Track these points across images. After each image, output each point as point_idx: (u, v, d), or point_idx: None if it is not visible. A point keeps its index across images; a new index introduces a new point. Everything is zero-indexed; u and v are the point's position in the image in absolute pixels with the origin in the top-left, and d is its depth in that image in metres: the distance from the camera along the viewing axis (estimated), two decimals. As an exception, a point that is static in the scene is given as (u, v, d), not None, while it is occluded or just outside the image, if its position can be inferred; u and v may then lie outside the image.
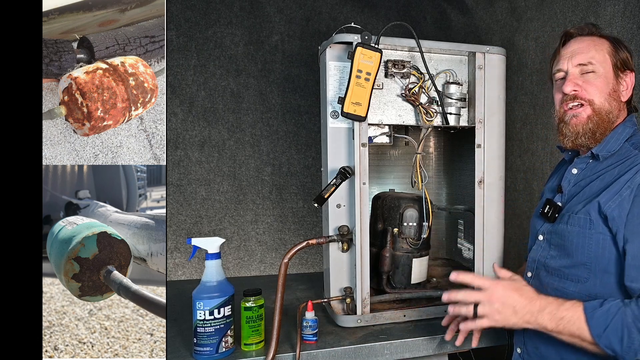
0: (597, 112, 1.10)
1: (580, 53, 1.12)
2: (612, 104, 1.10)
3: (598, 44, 1.12)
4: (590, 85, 1.10)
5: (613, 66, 1.10)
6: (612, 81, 1.11)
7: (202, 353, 1.20)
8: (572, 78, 1.11)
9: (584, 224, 1.05)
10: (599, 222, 1.02)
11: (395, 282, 1.58)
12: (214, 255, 1.25)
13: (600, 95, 1.10)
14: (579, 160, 1.15)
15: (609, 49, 1.11)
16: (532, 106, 1.99)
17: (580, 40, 1.14)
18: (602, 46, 1.12)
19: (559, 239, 1.11)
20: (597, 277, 1.04)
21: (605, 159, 1.10)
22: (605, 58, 1.11)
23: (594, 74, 1.10)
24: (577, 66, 1.12)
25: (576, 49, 1.13)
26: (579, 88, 1.11)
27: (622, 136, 1.10)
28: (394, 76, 1.43)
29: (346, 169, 1.37)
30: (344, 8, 2.50)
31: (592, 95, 1.10)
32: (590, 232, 1.04)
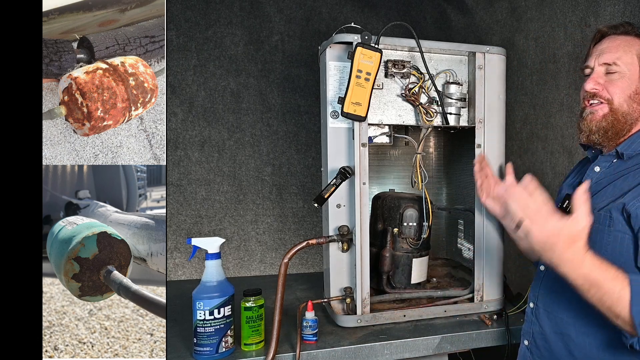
0: (613, 112, 1.10)
1: (608, 52, 1.12)
2: (633, 106, 1.10)
3: (629, 44, 1.12)
4: (612, 85, 1.11)
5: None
6: (637, 84, 1.10)
7: (202, 353, 1.20)
8: (595, 76, 1.12)
9: (603, 221, 1.05)
10: (619, 220, 1.03)
11: (395, 282, 1.58)
12: (214, 255, 1.25)
13: (620, 96, 1.10)
14: (603, 159, 1.15)
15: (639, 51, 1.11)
16: (532, 106, 1.99)
17: (612, 39, 1.14)
18: (633, 47, 1.11)
19: None
20: None
21: (630, 158, 1.10)
22: (632, 60, 1.10)
23: (618, 74, 1.10)
24: (603, 65, 1.12)
25: (605, 47, 1.13)
26: (599, 87, 1.11)
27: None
28: (394, 76, 1.43)
29: (346, 169, 1.37)
30: (344, 8, 2.50)
31: (612, 94, 1.10)
32: (609, 230, 1.04)
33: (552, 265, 0.96)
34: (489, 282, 1.53)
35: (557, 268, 0.96)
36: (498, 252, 1.54)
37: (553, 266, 0.97)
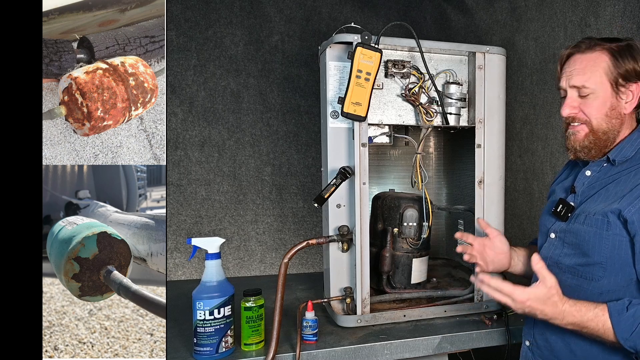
0: (593, 132, 1.13)
1: (576, 75, 1.13)
2: (611, 122, 1.12)
3: (595, 62, 1.11)
4: (587, 106, 1.12)
5: (611, 83, 1.10)
6: (610, 99, 1.11)
7: (202, 353, 1.20)
8: (570, 101, 1.14)
9: (601, 225, 1.07)
10: (616, 224, 1.05)
11: (395, 282, 1.58)
12: (214, 255, 1.25)
13: (597, 116, 1.12)
14: (593, 164, 1.17)
15: (606, 67, 1.10)
16: (532, 106, 1.99)
17: (578, 59, 1.14)
18: (600, 65, 1.11)
19: (573, 237, 1.13)
20: (611, 276, 1.07)
21: (620, 163, 1.12)
22: (601, 79, 1.10)
23: (591, 95, 1.11)
24: (574, 88, 1.13)
25: (573, 70, 1.14)
26: (576, 110, 1.13)
27: (638, 142, 1.12)
28: (394, 76, 1.43)
29: (346, 169, 1.37)
30: (344, 8, 2.50)
31: (589, 116, 1.12)
32: (607, 233, 1.06)
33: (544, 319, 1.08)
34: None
35: (553, 322, 1.07)
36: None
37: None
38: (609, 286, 1.07)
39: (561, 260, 1.16)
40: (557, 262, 1.17)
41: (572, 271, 1.13)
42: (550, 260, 1.18)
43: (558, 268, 1.16)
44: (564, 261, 1.15)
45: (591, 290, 1.09)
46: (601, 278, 1.08)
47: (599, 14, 1.64)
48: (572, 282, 1.12)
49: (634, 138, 1.13)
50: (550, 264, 1.18)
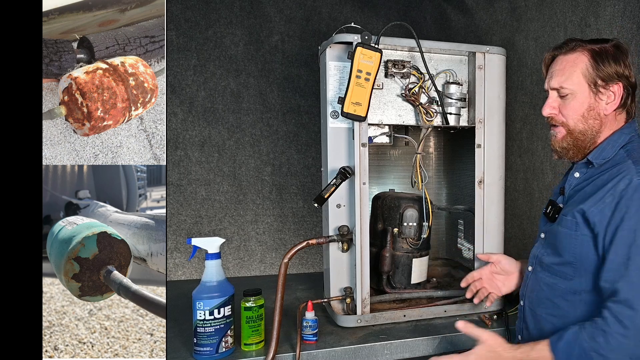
0: (570, 133, 1.14)
1: (555, 76, 1.15)
2: (589, 123, 1.13)
3: (574, 64, 1.12)
4: (565, 108, 1.14)
5: (590, 85, 1.11)
6: (589, 100, 1.12)
7: (202, 353, 1.20)
8: (550, 101, 1.16)
9: (571, 226, 1.10)
10: (583, 225, 1.08)
11: (395, 282, 1.58)
12: (214, 255, 1.25)
13: (574, 116, 1.13)
14: (578, 165, 1.19)
15: (585, 67, 1.11)
16: (532, 106, 1.99)
17: (560, 60, 1.15)
18: (578, 66, 1.12)
19: (553, 237, 1.17)
20: (582, 276, 1.09)
21: (600, 165, 1.13)
22: (579, 79, 1.12)
23: (570, 96, 1.13)
24: (553, 89, 1.15)
25: (554, 71, 1.16)
26: (555, 111, 1.16)
27: (618, 143, 1.13)
28: (394, 76, 1.43)
29: (346, 169, 1.37)
30: (344, 8, 2.50)
31: (566, 117, 1.14)
32: (576, 234, 1.09)
33: None
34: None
35: None
36: (498, 252, 1.54)
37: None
38: (582, 286, 1.09)
39: (542, 259, 1.20)
40: (540, 261, 1.22)
41: (549, 269, 1.17)
42: (535, 259, 1.24)
43: (540, 266, 1.21)
44: (545, 260, 1.19)
45: (566, 289, 1.12)
46: (573, 277, 1.11)
47: (599, 14, 1.63)
48: (550, 280, 1.17)
49: (615, 139, 1.13)
50: (537, 262, 1.23)
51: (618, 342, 0.95)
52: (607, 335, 0.96)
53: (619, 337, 0.95)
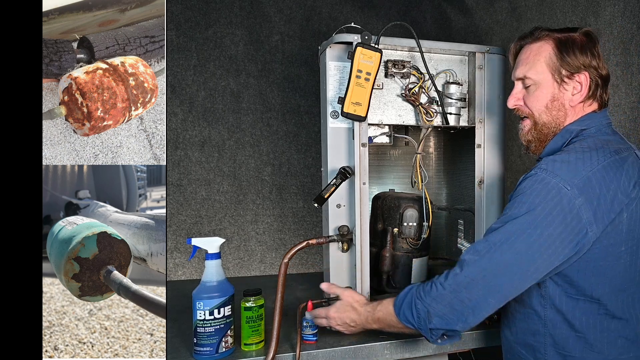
0: (535, 125, 1.13)
1: (519, 66, 1.13)
2: (553, 114, 1.10)
3: (538, 53, 1.10)
4: (529, 98, 1.12)
5: (553, 74, 1.08)
6: (552, 90, 1.09)
7: (202, 353, 1.20)
8: (515, 92, 1.15)
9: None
10: None
11: (395, 282, 1.58)
12: (214, 255, 1.25)
13: (538, 107, 1.11)
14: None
15: (548, 56, 1.08)
16: (532, 106, 1.99)
17: (525, 50, 1.14)
18: (541, 55, 1.09)
19: None
20: None
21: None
22: (542, 68, 1.09)
23: (533, 86, 1.11)
24: (518, 80, 1.14)
25: (519, 60, 1.14)
26: (520, 102, 1.14)
27: (566, 136, 1.10)
28: (394, 76, 1.43)
29: (346, 169, 1.37)
30: (344, 8, 2.50)
31: (531, 108, 1.12)
32: None
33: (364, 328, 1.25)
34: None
35: (365, 328, 1.25)
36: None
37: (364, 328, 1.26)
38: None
39: None
40: None
41: None
42: None
43: None
44: None
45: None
46: None
47: (599, 14, 1.64)
48: None
49: (563, 132, 1.10)
50: None
51: (438, 292, 1.04)
52: (433, 285, 1.06)
53: (440, 287, 1.04)
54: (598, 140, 1.05)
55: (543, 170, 1.00)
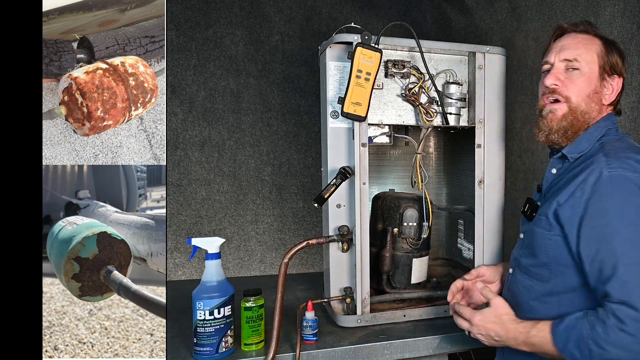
0: (572, 111, 1.10)
1: (568, 48, 1.11)
2: (591, 105, 1.10)
3: (589, 42, 1.11)
4: (572, 82, 1.10)
5: (600, 68, 1.09)
6: (596, 82, 1.10)
7: (202, 353, 1.20)
8: (556, 72, 1.11)
9: (545, 226, 1.07)
10: (555, 224, 1.04)
11: (395, 282, 1.58)
12: (214, 255, 1.25)
13: (579, 94, 1.09)
14: (554, 161, 1.16)
15: (599, 50, 1.10)
16: (532, 106, 1.98)
17: (573, 36, 1.13)
18: (593, 46, 1.11)
19: (530, 238, 1.13)
20: (557, 277, 1.06)
21: (575, 160, 1.10)
22: (593, 58, 1.09)
23: (578, 72, 1.09)
24: (563, 61, 1.11)
25: (566, 44, 1.12)
26: (560, 83, 1.11)
27: (594, 136, 1.09)
28: (394, 76, 1.43)
29: (346, 169, 1.37)
30: (344, 8, 2.50)
31: (571, 92, 1.10)
32: (549, 234, 1.06)
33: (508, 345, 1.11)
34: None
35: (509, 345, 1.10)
36: (498, 252, 1.54)
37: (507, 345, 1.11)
38: (558, 287, 1.06)
39: (520, 261, 1.17)
40: (518, 263, 1.18)
41: (527, 272, 1.14)
42: (515, 261, 1.19)
43: (518, 268, 1.17)
44: (522, 261, 1.16)
45: (542, 291, 1.09)
46: (549, 279, 1.07)
47: (599, 14, 1.63)
48: (527, 282, 1.13)
49: (591, 132, 1.10)
50: (515, 264, 1.19)
51: (618, 336, 0.91)
52: (606, 327, 0.92)
53: (617, 331, 0.91)
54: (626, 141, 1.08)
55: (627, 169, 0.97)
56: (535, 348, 1.03)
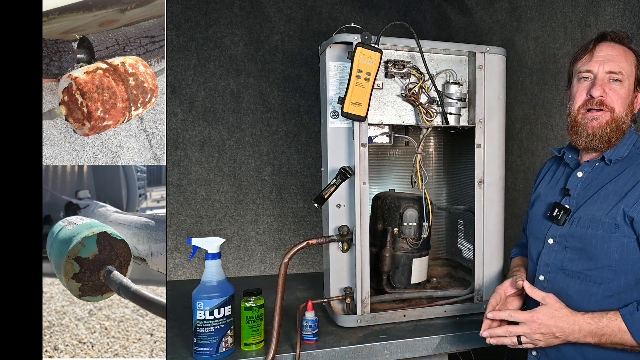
0: (615, 120, 1.14)
1: (612, 60, 1.14)
2: (627, 115, 1.16)
3: (628, 55, 1.16)
4: (615, 93, 1.14)
5: (636, 78, 1.15)
6: (632, 93, 1.16)
7: (202, 353, 1.20)
8: (602, 83, 1.14)
9: (609, 228, 1.08)
10: (624, 226, 1.06)
11: (395, 282, 1.58)
12: (214, 255, 1.25)
13: (621, 104, 1.14)
14: (586, 164, 1.18)
15: (636, 62, 1.16)
16: (532, 106, 1.99)
17: (612, 46, 1.16)
18: (631, 58, 1.16)
19: (577, 242, 1.12)
20: (621, 278, 1.07)
21: (614, 163, 1.14)
22: (632, 71, 1.15)
23: (619, 84, 1.14)
24: (608, 73, 1.14)
25: (609, 55, 1.15)
26: (605, 95, 1.14)
27: (630, 142, 1.16)
28: (394, 76, 1.43)
29: (346, 169, 1.37)
30: (344, 8, 2.50)
31: (615, 103, 1.14)
32: (615, 236, 1.07)
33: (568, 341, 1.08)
34: (489, 282, 1.53)
35: (571, 341, 1.07)
36: (498, 252, 1.54)
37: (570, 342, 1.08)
38: (619, 288, 1.07)
39: (566, 266, 1.14)
40: (562, 268, 1.15)
41: (579, 276, 1.12)
42: (553, 267, 1.17)
43: (564, 274, 1.15)
44: (570, 267, 1.13)
45: (601, 293, 1.08)
46: (611, 280, 1.08)
47: (599, 14, 1.63)
48: (581, 287, 1.11)
49: (626, 138, 1.16)
50: (554, 270, 1.16)
51: None
52: None
53: None
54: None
55: None
56: (605, 338, 1.03)
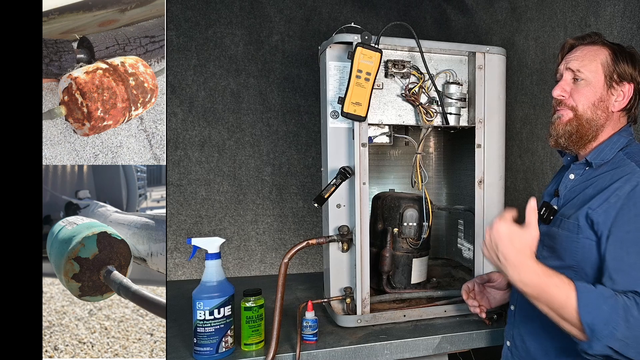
0: (577, 118, 1.14)
1: (575, 60, 1.16)
2: (597, 113, 1.14)
3: (595, 53, 1.15)
4: (577, 92, 1.15)
5: (606, 77, 1.13)
6: (601, 91, 1.14)
7: (202, 353, 1.20)
8: (563, 83, 1.17)
9: (573, 229, 1.09)
10: (586, 227, 1.06)
11: (395, 282, 1.58)
12: (214, 255, 1.25)
13: (584, 103, 1.14)
14: (575, 167, 1.19)
15: (605, 59, 1.14)
16: (532, 106, 1.99)
17: (581, 48, 1.18)
18: (599, 56, 1.15)
19: (550, 241, 1.15)
20: (581, 279, 1.05)
21: (598, 166, 1.14)
22: (597, 68, 1.14)
23: (584, 82, 1.14)
24: (570, 72, 1.16)
25: (575, 55, 1.17)
26: (566, 94, 1.16)
27: (617, 145, 1.14)
28: (394, 76, 1.43)
29: (346, 169, 1.37)
30: (344, 8, 2.50)
31: (577, 102, 1.15)
32: (577, 237, 1.07)
33: (505, 272, 1.00)
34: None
35: (507, 274, 0.99)
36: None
37: (505, 274, 1.00)
38: None
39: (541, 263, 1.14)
40: None
41: None
42: None
43: None
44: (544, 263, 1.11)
45: None
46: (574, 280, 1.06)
47: (599, 14, 1.63)
48: None
49: (614, 141, 1.14)
50: None
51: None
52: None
53: None
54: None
55: None
56: (544, 297, 0.96)
